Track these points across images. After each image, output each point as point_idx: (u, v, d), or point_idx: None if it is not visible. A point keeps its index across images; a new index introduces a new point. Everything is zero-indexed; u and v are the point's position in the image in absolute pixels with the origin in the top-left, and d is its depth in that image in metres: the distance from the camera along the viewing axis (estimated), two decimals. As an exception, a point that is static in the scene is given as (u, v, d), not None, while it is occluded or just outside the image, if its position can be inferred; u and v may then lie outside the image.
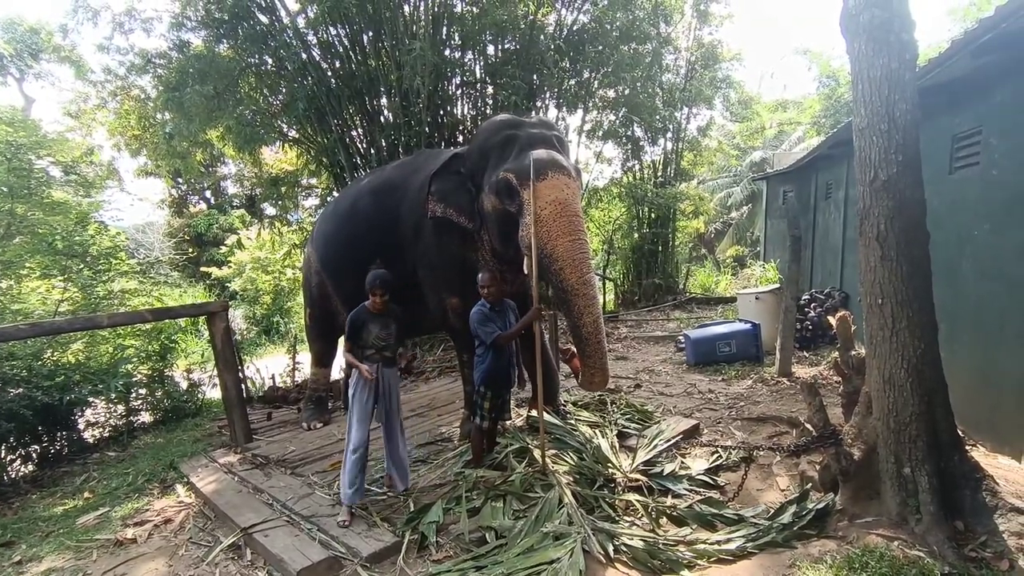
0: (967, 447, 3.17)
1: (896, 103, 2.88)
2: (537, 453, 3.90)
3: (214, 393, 7.74)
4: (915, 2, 2.93)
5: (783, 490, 3.62)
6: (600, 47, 9.77)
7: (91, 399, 6.51)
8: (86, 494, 4.91)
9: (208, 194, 23.37)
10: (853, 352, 3.59)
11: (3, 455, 5.72)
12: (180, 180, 21.01)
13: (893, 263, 2.91)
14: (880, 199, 2.93)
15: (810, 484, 3.36)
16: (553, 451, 4.06)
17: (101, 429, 6.82)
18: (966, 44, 3.70)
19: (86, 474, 5.46)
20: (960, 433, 3.12)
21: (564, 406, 4.94)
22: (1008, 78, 3.83)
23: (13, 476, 5.71)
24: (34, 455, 6.05)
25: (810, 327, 7.47)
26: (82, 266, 7.59)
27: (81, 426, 6.62)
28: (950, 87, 4.37)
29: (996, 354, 3.93)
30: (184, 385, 8.03)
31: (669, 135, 13.88)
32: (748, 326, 7.04)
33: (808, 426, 3.69)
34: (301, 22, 8.62)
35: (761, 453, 4.03)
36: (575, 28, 10.02)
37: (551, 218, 3.66)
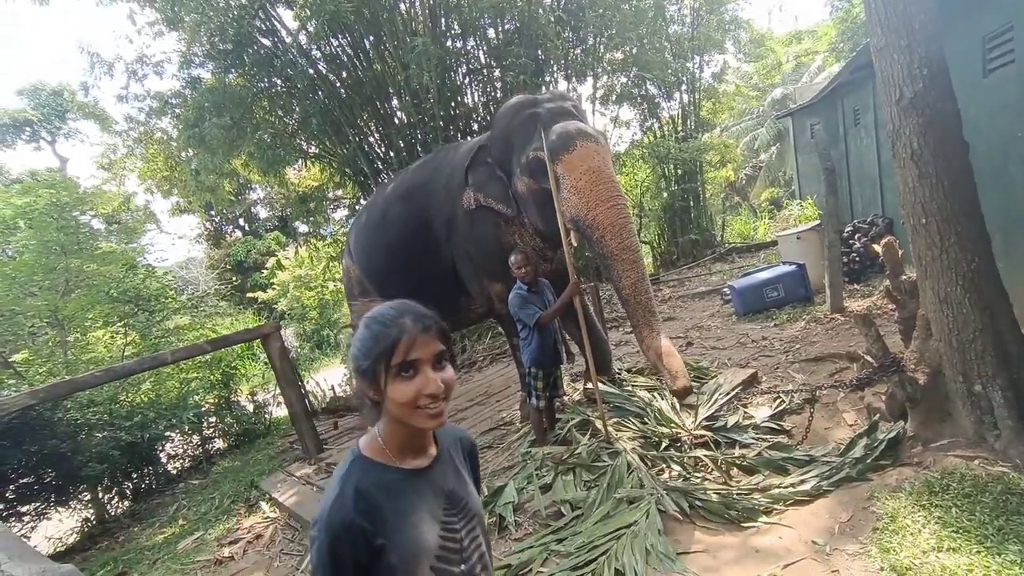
0: (1039, 355, 3.06)
1: (914, 15, 2.75)
2: (599, 423, 3.95)
3: (280, 411, 8.07)
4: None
5: (851, 425, 3.57)
6: (600, 10, 9.57)
7: (168, 433, 6.90)
8: (180, 521, 5.23)
9: (241, 221, 24.01)
10: (904, 276, 3.49)
11: (101, 495, 6.13)
12: (213, 212, 21.64)
13: (933, 179, 2.81)
14: (909, 117, 2.83)
15: (878, 415, 3.31)
16: (614, 419, 4.09)
17: (181, 460, 7.24)
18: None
19: (176, 503, 5.81)
20: (1030, 342, 3.02)
21: (619, 374, 4.96)
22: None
23: (113, 512, 6.12)
24: (128, 491, 6.46)
25: (856, 259, 7.24)
26: (136, 310, 7.97)
27: (164, 459, 7.03)
28: (974, -15, 4.15)
29: (1060, 257, 3.77)
30: (250, 408, 8.40)
31: (684, 87, 13.54)
32: (793, 267, 6.88)
33: (868, 358, 3.60)
34: (303, 39, 8.74)
35: (824, 392, 3.96)
36: (572, -5, 9.84)
37: (588, 187, 3.66)
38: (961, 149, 2.82)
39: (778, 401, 4.05)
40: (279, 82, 9.02)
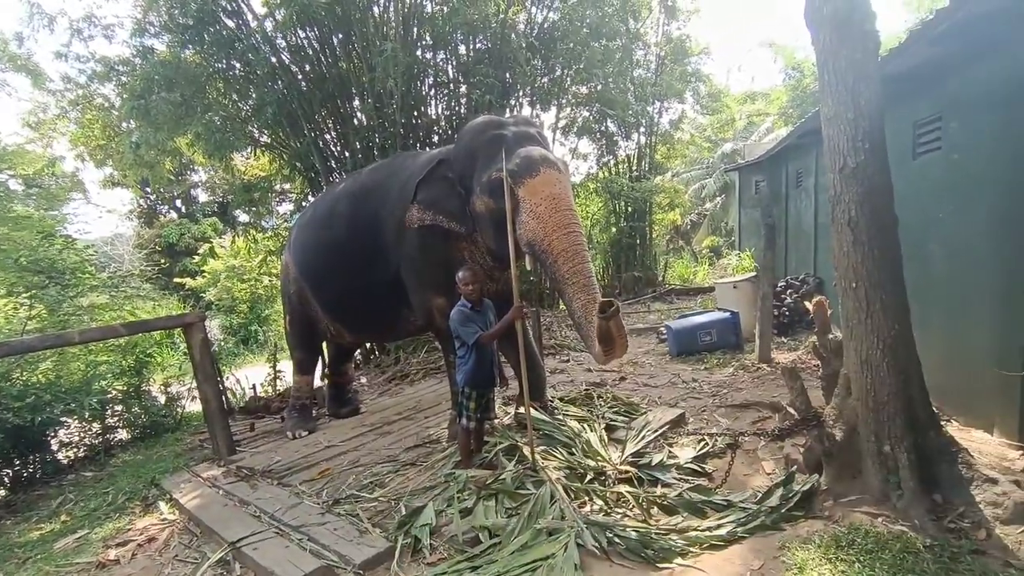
0: (942, 422, 3.27)
1: (861, 92, 2.95)
2: (526, 450, 3.92)
3: (194, 406, 7.60)
4: (874, -7, 3.01)
5: (769, 474, 3.68)
6: (571, 44, 9.83)
7: (64, 419, 6.34)
8: (63, 517, 4.77)
9: (179, 203, 22.91)
10: (830, 335, 3.67)
11: (-28, 481, 5.55)
12: (149, 190, 20.59)
13: (865, 247, 2.99)
14: (850, 185, 3.01)
15: (795, 467, 3.43)
16: (542, 447, 4.07)
17: (76, 449, 6.64)
18: (924, 33, 3.80)
19: (62, 496, 5.31)
20: (935, 409, 3.22)
21: (551, 402, 4.96)
22: (965, 66, 3.94)
23: (-16, 502, 5.53)
24: (6, 479, 5.87)
25: (787, 313, 7.61)
26: (48, 282, 7.37)
27: (55, 447, 6.45)
28: (910, 75, 4.48)
29: (965, 331, 4.06)
30: (162, 399, 7.88)
31: (642, 129, 14.04)
32: (727, 315, 7.15)
33: (790, 410, 3.76)
34: (269, 26, 8.50)
35: (746, 439, 4.09)
36: (546, 26, 10.07)
37: (547, 213, 3.69)
38: (892, 221, 3.01)
39: (702, 443, 4.15)
40: (238, 65, 8.72)
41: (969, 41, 3.72)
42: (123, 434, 7.24)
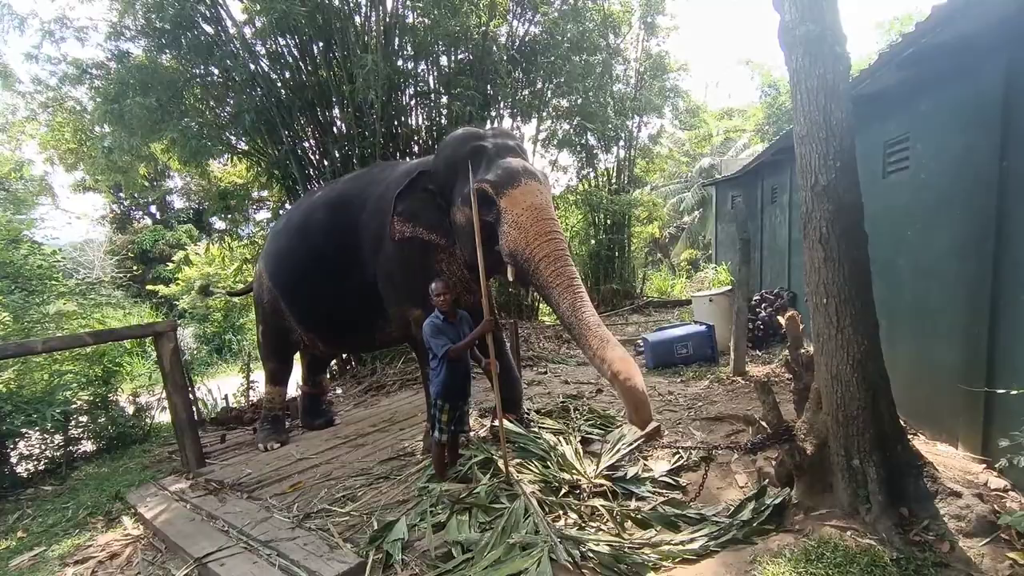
0: (908, 436, 3.32)
1: (832, 112, 3.02)
2: (501, 463, 3.89)
3: (163, 417, 7.42)
4: (845, 15, 3.09)
5: (742, 487, 3.71)
6: (552, 58, 9.93)
7: (24, 430, 6.13)
8: (20, 533, 4.59)
9: (153, 209, 22.50)
10: (802, 350, 3.72)
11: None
12: (122, 195, 20.21)
13: (836, 264, 3.04)
14: (821, 203, 3.06)
15: (767, 480, 3.46)
16: (517, 460, 4.05)
17: (36, 462, 6.42)
18: (892, 57, 3.91)
19: (19, 511, 5.12)
20: (902, 423, 3.27)
21: (528, 414, 4.94)
22: (930, 88, 4.07)
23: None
24: (-40, 494, 5.64)
25: (761, 327, 7.71)
26: (13, 288, 7.15)
27: (14, 459, 6.22)
28: (880, 97, 4.61)
29: (931, 347, 4.15)
30: (130, 410, 7.66)
31: (622, 143, 14.20)
32: (703, 328, 7.22)
33: (763, 423, 3.80)
34: (248, 32, 8.43)
35: (720, 452, 4.12)
36: (527, 39, 10.17)
37: (529, 223, 3.70)
38: (862, 239, 3.08)
39: (676, 456, 4.16)
40: (216, 71, 8.63)
41: (933, 66, 3.84)
42: (88, 446, 7.01)
